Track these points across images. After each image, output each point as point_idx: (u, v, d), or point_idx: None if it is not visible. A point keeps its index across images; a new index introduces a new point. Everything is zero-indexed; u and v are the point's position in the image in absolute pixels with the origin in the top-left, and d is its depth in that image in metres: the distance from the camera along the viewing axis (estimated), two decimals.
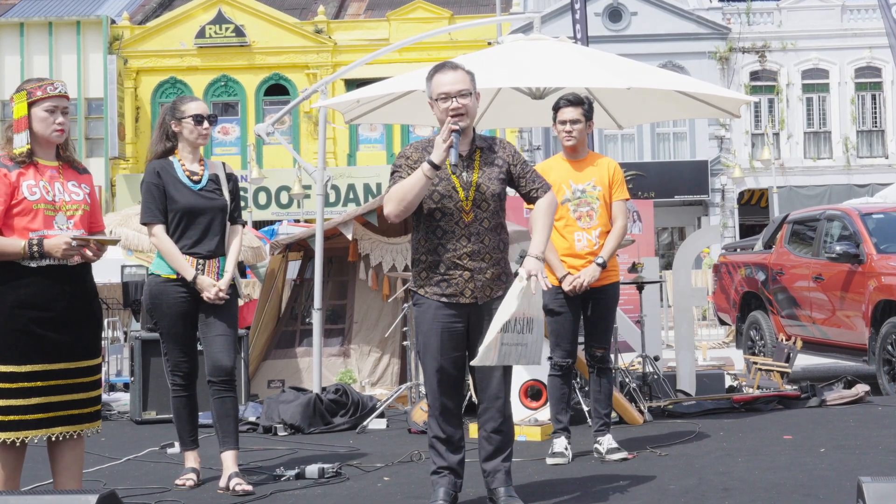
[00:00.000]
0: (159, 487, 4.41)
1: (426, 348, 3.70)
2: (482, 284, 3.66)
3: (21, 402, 3.38)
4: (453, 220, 3.64)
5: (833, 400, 6.48)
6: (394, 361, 7.72)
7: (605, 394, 4.95)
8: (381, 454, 5.13)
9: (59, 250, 3.39)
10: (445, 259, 3.63)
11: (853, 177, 24.32)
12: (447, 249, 3.63)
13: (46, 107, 3.54)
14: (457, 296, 3.64)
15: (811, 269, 8.22)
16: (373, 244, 7.55)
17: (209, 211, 4.37)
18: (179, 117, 4.41)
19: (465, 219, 3.64)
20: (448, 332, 3.66)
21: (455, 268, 3.63)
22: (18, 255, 3.38)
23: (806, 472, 4.34)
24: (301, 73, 25.20)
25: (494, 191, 3.68)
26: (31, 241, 3.38)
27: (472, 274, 3.64)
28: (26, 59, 25.13)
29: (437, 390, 3.67)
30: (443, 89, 3.62)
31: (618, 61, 6.53)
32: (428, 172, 3.54)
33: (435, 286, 3.65)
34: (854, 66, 24.60)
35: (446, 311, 3.65)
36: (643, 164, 23.79)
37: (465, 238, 3.63)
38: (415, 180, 3.56)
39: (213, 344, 4.35)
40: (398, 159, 3.72)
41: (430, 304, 3.67)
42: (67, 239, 3.39)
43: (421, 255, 3.70)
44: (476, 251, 3.64)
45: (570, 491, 4.13)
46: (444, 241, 3.63)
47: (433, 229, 3.64)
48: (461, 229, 3.63)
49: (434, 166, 3.54)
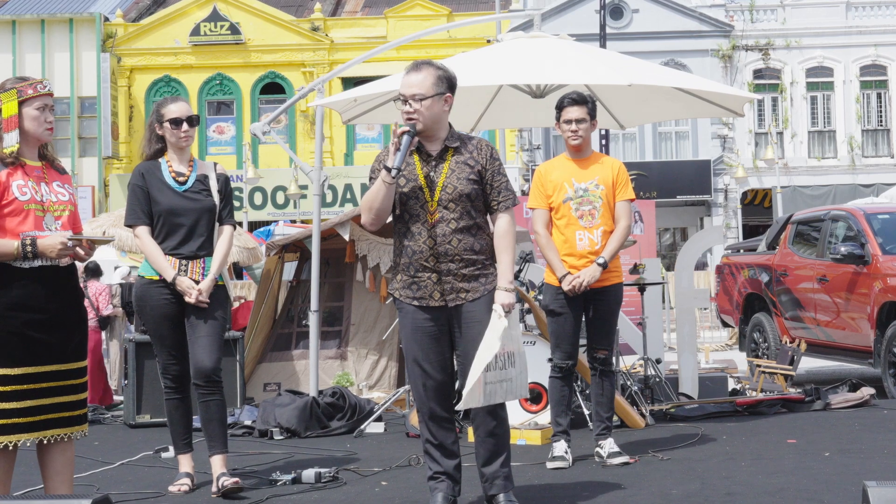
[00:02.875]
0: (153, 492, 4.39)
1: (408, 353, 3.70)
2: (451, 287, 3.61)
3: (13, 405, 3.37)
4: (419, 221, 3.62)
5: (838, 403, 6.45)
6: (391, 364, 7.69)
7: (607, 397, 4.92)
8: (378, 458, 5.11)
9: (55, 250, 3.38)
10: (413, 261, 3.62)
11: (858, 176, 24.26)
12: (414, 251, 3.62)
13: (37, 105, 3.53)
14: (426, 298, 3.62)
15: (815, 271, 8.17)
16: (370, 245, 7.50)
17: (193, 212, 4.38)
18: (160, 120, 4.45)
19: (430, 220, 3.60)
20: (427, 335, 3.64)
21: (422, 270, 3.62)
22: (12, 255, 3.37)
23: (810, 476, 4.31)
24: (297, 72, 25.14)
25: (463, 191, 3.63)
26: (25, 241, 3.37)
27: (439, 276, 3.61)
28: (18, 57, 25.07)
29: (423, 395, 3.66)
30: (401, 90, 3.64)
31: (619, 59, 6.48)
32: (385, 178, 3.55)
33: (406, 289, 3.65)
34: (859, 64, 24.53)
35: (422, 315, 3.64)
36: (645, 164, 23.73)
37: (431, 239, 3.60)
38: (377, 187, 3.59)
39: (196, 346, 4.36)
40: (373, 164, 3.72)
41: (407, 308, 3.67)
42: (63, 239, 3.38)
43: (395, 258, 3.71)
44: (443, 253, 3.59)
45: (571, 496, 4.10)
46: (411, 242, 3.62)
47: (403, 231, 3.65)
48: (427, 230, 3.61)
49: (388, 170, 3.53)
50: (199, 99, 25.28)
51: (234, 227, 4.60)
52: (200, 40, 25.17)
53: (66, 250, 3.39)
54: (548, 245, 4.83)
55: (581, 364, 5.28)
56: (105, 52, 25.16)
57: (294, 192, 20.53)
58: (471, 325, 3.62)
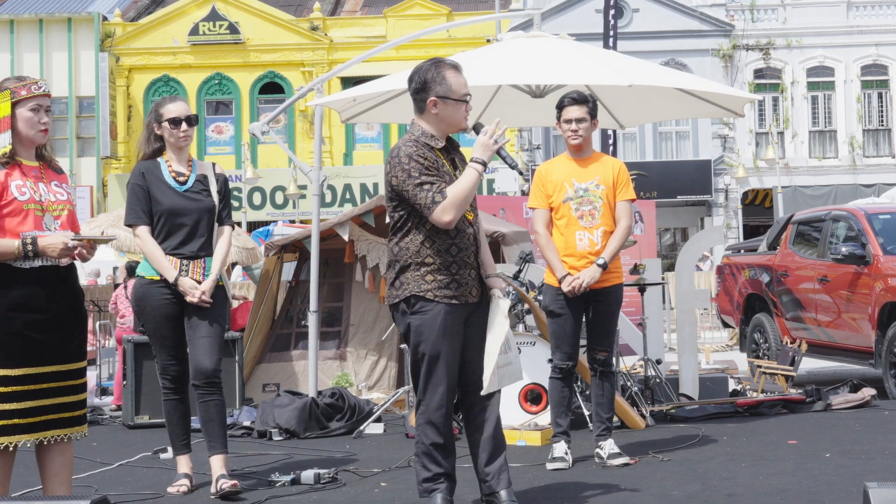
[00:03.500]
0: (152, 493, 4.39)
1: (436, 357, 3.62)
2: (481, 282, 3.75)
3: (14, 406, 3.36)
4: (462, 220, 3.68)
5: (839, 404, 6.44)
6: (391, 365, 7.67)
7: (608, 398, 4.91)
8: (378, 459, 5.10)
9: (56, 250, 3.36)
10: (458, 259, 3.66)
11: (859, 176, 24.23)
12: (460, 248, 3.66)
13: (31, 106, 3.51)
14: (465, 296, 3.67)
15: (816, 271, 8.15)
16: (370, 245, 7.48)
17: (194, 212, 4.38)
18: (159, 120, 4.43)
19: (469, 217, 3.72)
20: (456, 335, 3.66)
21: (466, 267, 3.68)
22: (13, 255, 3.35)
23: (811, 477, 4.31)
24: (296, 71, 25.11)
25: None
26: (25, 240, 3.35)
27: (476, 272, 3.72)
28: (16, 56, 25.06)
29: (445, 396, 3.65)
30: (466, 90, 3.68)
31: (619, 59, 6.47)
32: (483, 172, 3.63)
33: (445, 288, 3.63)
34: (860, 64, 24.50)
35: (454, 315, 3.64)
36: (645, 164, 23.71)
37: (472, 237, 3.71)
38: (472, 181, 3.61)
39: (196, 346, 4.34)
40: (414, 164, 3.59)
41: (438, 309, 3.62)
42: (65, 239, 3.37)
43: (426, 258, 3.64)
44: (478, 248, 3.75)
45: (571, 497, 4.10)
46: (457, 240, 3.66)
47: (442, 230, 3.62)
48: (468, 228, 3.70)
49: (485, 166, 3.62)
50: (198, 99, 25.25)
51: (233, 228, 4.59)
52: (199, 40, 25.13)
53: (68, 250, 3.38)
54: (548, 245, 4.81)
55: (581, 365, 5.26)
56: (103, 51, 25.13)
57: (293, 192, 20.51)
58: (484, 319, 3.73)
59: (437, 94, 3.63)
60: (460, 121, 3.67)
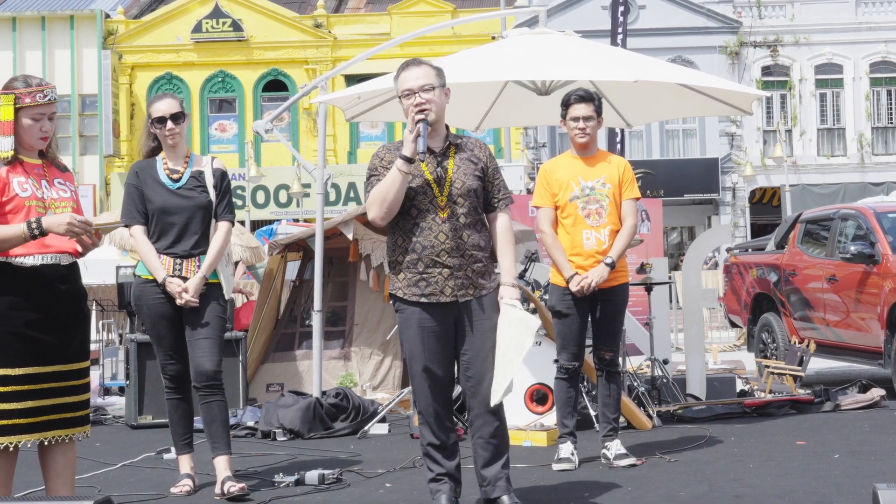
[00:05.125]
0: (155, 494, 4.38)
1: (413, 354, 3.68)
2: (461, 283, 3.64)
3: (14, 405, 3.35)
4: (430, 216, 3.64)
5: (847, 404, 6.42)
6: (396, 364, 7.64)
7: (614, 398, 4.90)
8: (382, 460, 5.08)
9: (62, 226, 3.31)
10: (424, 257, 3.63)
11: (868, 175, 24.13)
12: (424, 247, 3.62)
13: (34, 115, 3.47)
14: (436, 295, 3.63)
15: (825, 270, 8.10)
16: (374, 244, 7.44)
17: (186, 210, 4.35)
18: (150, 119, 4.43)
19: (441, 214, 3.63)
20: (433, 335, 3.64)
21: (434, 265, 3.63)
22: (20, 238, 3.32)
23: (819, 478, 4.29)
24: (300, 69, 25.08)
25: (470, 186, 3.71)
26: (30, 222, 3.31)
27: (451, 271, 3.64)
28: (19, 54, 25.04)
29: (429, 396, 3.66)
30: (406, 85, 3.64)
31: (625, 56, 6.43)
32: (402, 167, 3.58)
33: (414, 286, 3.63)
34: (869, 61, 24.39)
35: (432, 314, 3.63)
36: (652, 162, 23.64)
37: (443, 234, 3.63)
38: (391, 179, 3.59)
39: (195, 348, 4.33)
40: (372, 161, 3.73)
41: (411, 309, 3.65)
42: (70, 218, 3.33)
43: (398, 256, 3.69)
44: (455, 247, 3.63)
45: (577, 498, 4.08)
46: (420, 238, 3.63)
47: (410, 227, 3.64)
48: (438, 225, 3.63)
49: (407, 160, 3.56)
50: (201, 96, 25.23)
51: (233, 224, 4.55)
52: (202, 37, 25.11)
53: (75, 228, 3.31)
54: (554, 245, 4.78)
55: (587, 365, 5.23)
56: (106, 49, 25.11)
57: (297, 190, 20.48)
58: (481, 321, 3.65)
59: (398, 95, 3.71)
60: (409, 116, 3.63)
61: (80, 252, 3.48)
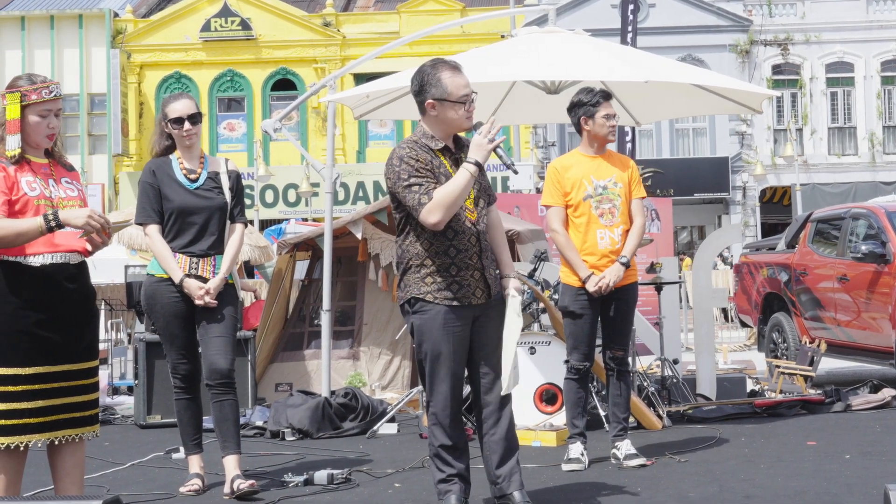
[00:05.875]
0: (164, 493, 4.38)
1: (437, 356, 3.64)
2: (491, 283, 3.68)
3: (24, 405, 3.35)
4: (461, 220, 3.62)
5: (859, 405, 6.39)
6: (405, 364, 7.64)
7: (624, 398, 4.89)
8: (391, 460, 5.08)
9: (81, 219, 3.30)
10: (457, 261, 3.61)
11: (879, 174, 23.99)
12: (459, 250, 3.61)
13: (40, 111, 3.48)
14: (468, 297, 3.62)
15: (836, 270, 8.06)
16: (383, 243, 7.44)
17: (205, 210, 4.35)
18: (165, 119, 4.42)
19: (472, 217, 3.66)
20: (458, 337, 3.64)
21: (467, 268, 3.63)
22: (36, 232, 3.32)
23: (830, 479, 4.27)
24: (309, 68, 25.06)
25: (485, 187, 3.77)
26: (47, 214, 3.31)
27: (481, 273, 3.66)
28: (27, 53, 25.03)
29: (449, 397, 3.64)
30: (465, 91, 3.61)
31: (635, 55, 6.41)
32: (475, 173, 3.56)
33: (446, 290, 3.60)
34: (880, 59, 24.24)
35: (455, 316, 3.62)
36: (661, 161, 23.58)
37: (475, 237, 3.64)
38: (463, 182, 3.53)
39: (209, 346, 4.32)
40: (405, 166, 3.59)
41: (438, 309, 3.61)
42: (90, 211, 3.33)
43: (425, 260, 3.63)
44: (484, 249, 3.68)
45: (587, 498, 4.08)
46: (455, 242, 3.61)
47: (443, 231, 3.59)
48: (469, 229, 3.64)
49: (480, 167, 3.55)
50: (210, 95, 25.23)
51: (246, 225, 4.57)
52: (211, 36, 25.10)
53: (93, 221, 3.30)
54: (567, 244, 4.76)
55: (597, 364, 5.21)
56: (115, 48, 25.12)
57: (306, 189, 20.48)
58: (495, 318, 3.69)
59: (433, 97, 3.60)
60: (461, 122, 3.62)
61: (89, 251, 3.48)
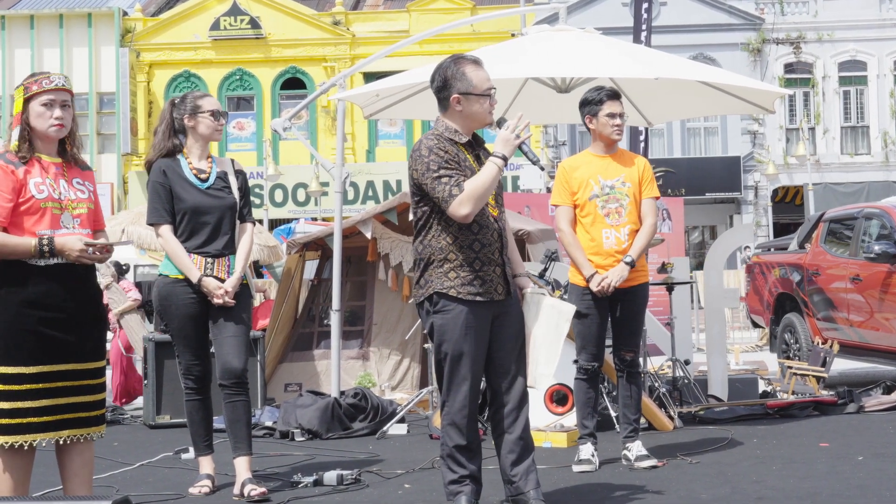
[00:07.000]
0: (174, 494, 4.38)
1: (459, 357, 3.61)
2: (509, 280, 3.71)
3: (29, 404, 3.35)
4: (485, 216, 3.65)
5: (872, 406, 6.35)
6: (414, 365, 7.63)
7: (635, 399, 4.86)
8: (401, 460, 5.07)
9: (74, 253, 3.36)
10: (481, 255, 3.63)
11: (892, 173, 23.85)
12: (483, 245, 3.63)
13: (43, 101, 3.49)
14: (490, 293, 3.63)
15: (848, 270, 8.01)
16: (393, 243, 7.43)
17: (217, 210, 4.35)
18: (194, 112, 4.39)
19: (494, 213, 3.69)
20: (479, 337, 3.63)
21: (490, 263, 3.64)
22: (28, 253, 3.35)
23: (843, 480, 4.25)
24: (318, 67, 25.05)
25: (501, 184, 3.78)
26: (42, 240, 3.34)
27: (502, 270, 3.68)
28: (36, 52, 25.09)
29: (468, 398, 3.63)
30: (489, 84, 3.66)
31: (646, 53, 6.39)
32: (503, 167, 3.60)
33: (469, 285, 3.60)
34: (893, 58, 24.10)
35: (478, 313, 3.61)
36: (673, 161, 23.50)
37: (497, 232, 3.68)
38: (492, 176, 3.57)
39: (223, 346, 4.31)
40: (434, 156, 3.59)
41: (459, 308, 3.60)
42: (82, 246, 3.37)
43: (449, 254, 3.63)
44: (503, 245, 3.70)
45: (598, 499, 4.07)
46: (479, 236, 3.63)
47: (468, 225, 3.60)
48: (492, 223, 3.67)
49: (505, 160, 3.59)
50: (219, 94, 25.23)
51: (254, 224, 4.56)
52: (220, 35, 25.12)
53: (84, 258, 3.37)
54: (573, 244, 4.74)
55: (607, 365, 5.19)
56: (124, 47, 25.17)
57: (315, 189, 20.49)
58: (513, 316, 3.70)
59: (458, 91, 3.63)
60: (485, 115, 3.66)
61: None
